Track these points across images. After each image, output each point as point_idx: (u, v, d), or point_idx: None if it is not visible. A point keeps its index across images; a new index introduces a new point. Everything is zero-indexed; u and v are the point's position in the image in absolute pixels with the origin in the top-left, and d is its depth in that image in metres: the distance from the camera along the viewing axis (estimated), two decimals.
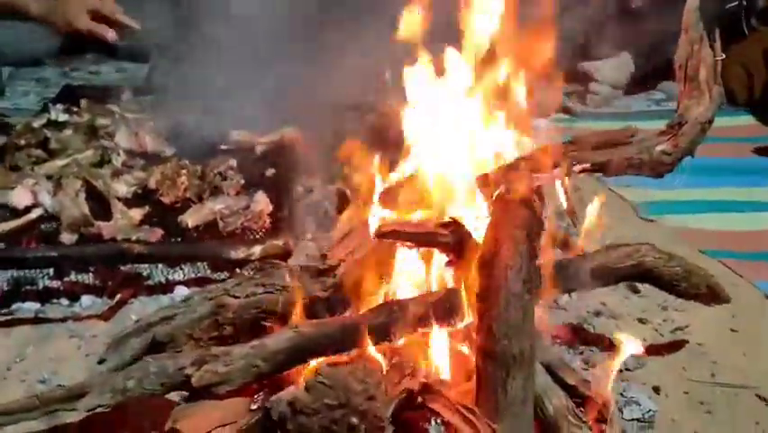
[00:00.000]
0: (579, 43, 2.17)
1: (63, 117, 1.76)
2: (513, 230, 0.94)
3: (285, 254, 1.27)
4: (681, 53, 1.12)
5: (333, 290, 1.04)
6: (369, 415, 0.88)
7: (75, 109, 1.80)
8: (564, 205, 1.08)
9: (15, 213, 1.35)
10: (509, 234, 0.94)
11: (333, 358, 0.92)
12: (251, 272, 1.24)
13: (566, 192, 1.07)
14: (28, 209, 1.34)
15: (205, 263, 1.34)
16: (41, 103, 2.32)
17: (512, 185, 0.94)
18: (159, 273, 1.34)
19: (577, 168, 1.05)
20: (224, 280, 1.29)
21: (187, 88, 1.79)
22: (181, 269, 1.34)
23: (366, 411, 0.87)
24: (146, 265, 1.32)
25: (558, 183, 1.04)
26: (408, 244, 0.97)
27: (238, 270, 1.30)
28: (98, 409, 0.91)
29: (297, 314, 0.97)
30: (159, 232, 1.29)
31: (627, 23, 2.31)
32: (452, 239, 0.96)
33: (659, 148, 1.10)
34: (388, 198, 1.00)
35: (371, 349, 0.92)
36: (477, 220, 0.98)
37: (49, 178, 1.45)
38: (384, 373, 0.90)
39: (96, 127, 1.63)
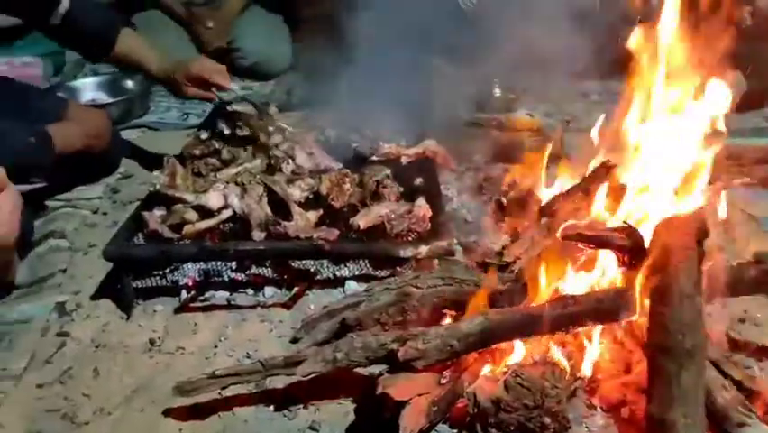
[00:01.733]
0: None
1: (227, 130, 1.99)
2: (684, 236, 1.04)
3: (447, 254, 1.41)
4: None
5: (512, 283, 1.16)
6: (558, 416, 1.00)
7: (237, 123, 2.02)
8: (722, 215, 1.17)
9: (205, 213, 1.54)
10: (681, 239, 1.04)
11: (522, 357, 1.03)
12: (410, 270, 1.41)
13: (724, 204, 1.16)
14: (219, 210, 1.53)
15: (366, 261, 1.50)
16: (183, 117, 2.62)
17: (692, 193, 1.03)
18: (326, 269, 1.51)
19: (738, 181, 1.13)
20: (386, 277, 1.45)
21: (331, 105, 1.99)
22: (346, 266, 1.50)
23: (556, 413, 1.00)
24: (312, 262, 1.50)
25: (720, 195, 1.13)
26: (588, 245, 1.08)
27: (398, 267, 1.47)
28: (311, 375, 1.07)
29: (484, 302, 1.10)
30: (335, 231, 1.44)
31: (738, 42, 2.36)
32: (626, 243, 1.07)
33: None
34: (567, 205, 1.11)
35: (558, 354, 1.03)
36: (646, 225, 1.08)
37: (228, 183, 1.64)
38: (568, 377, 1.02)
39: (263, 142, 1.83)
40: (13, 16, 1.89)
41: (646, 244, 1.06)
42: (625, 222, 1.07)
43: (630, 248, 1.06)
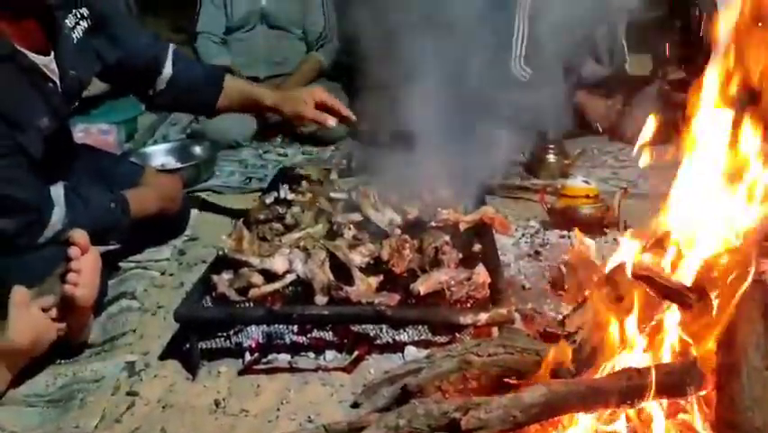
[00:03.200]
0: None
1: (290, 196, 2.07)
2: (750, 309, 1.04)
3: (507, 322, 1.43)
4: None
5: (574, 353, 1.17)
6: None
7: (299, 189, 2.11)
8: None
9: (270, 277, 1.60)
10: (747, 313, 1.03)
11: (585, 430, 1.03)
12: (469, 337, 1.43)
13: None
14: (284, 274, 1.59)
15: (425, 327, 1.52)
16: (246, 181, 2.73)
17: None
18: (385, 334, 1.53)
19: None
20: (445, 343, 1.48)
21: (388, 171, 2.05)
22: (405, 331, 1.52)
23: None
24: (372, 326, 1.52)
25: None
26: (656, 292, 1.08)
27: (457, 334, 1.48)
28: None
29: (547, 373, 1.10)
30: (396, 297, 1.48)
31: None
32: (695, 304, 1.06)
33: None
34: (654, 247, 1.12)
35: (622, 428, 1.02)
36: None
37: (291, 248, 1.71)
38: None
39: (324, 208, 1.90)
40: (119, 88, 2.02)
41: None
42: (702, 286, 1.07)
43: (696, 310, 1.06)
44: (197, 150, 2.77)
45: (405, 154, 2.01)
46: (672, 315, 1.12)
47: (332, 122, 1.94)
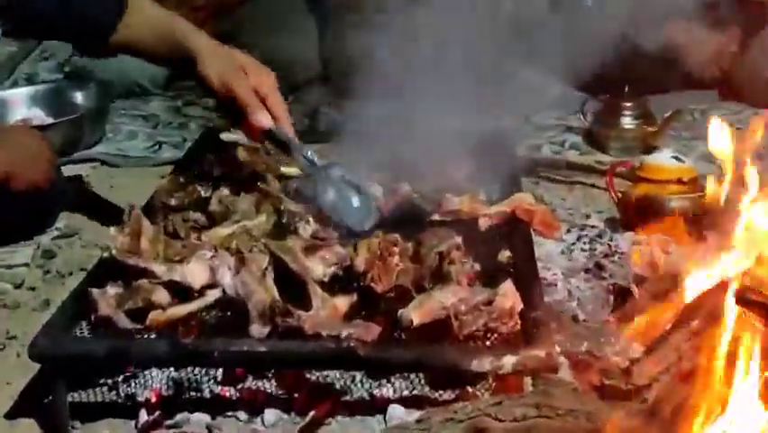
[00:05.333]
0: None
1: (218, 171, 2.07)
2: None
3: (546, 369, 1.42)
4: None
5: (645, 418, 1.16)
6: None
7: (233, 161, 2.11)
8: None
9: (182, 294, 1.59)
10: None
11: None
12: (487, 391, 1.43)
13: None
14: (203, 290, 1.58)
15: (420, 377, 1.52)
16: (154, 148, 2.72)
17: None
18: (359, 386, 1.53)
19: None
20: (451, 400, 1.47)
21: (374, 135, 2.05)
22: (389, 382, 1.52)
23: None
24: (338, 373, 1.52)
25: None
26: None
27: (468, 387, 1.48)
28: None
29: None
30: (375, 328, 1.47)
31: None
32: None
33: None
34: None
35: None
36: None
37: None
38: None
39: (271, 190, 1.90)
40: None
41: None
42: None
43: None
44: (79, 98, 2.77)
45: (398, 109, 2.03)
46: None
47: (267, 122, 1.91)
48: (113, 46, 1.97)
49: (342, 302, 1.56)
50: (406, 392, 1.51)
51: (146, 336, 1.52)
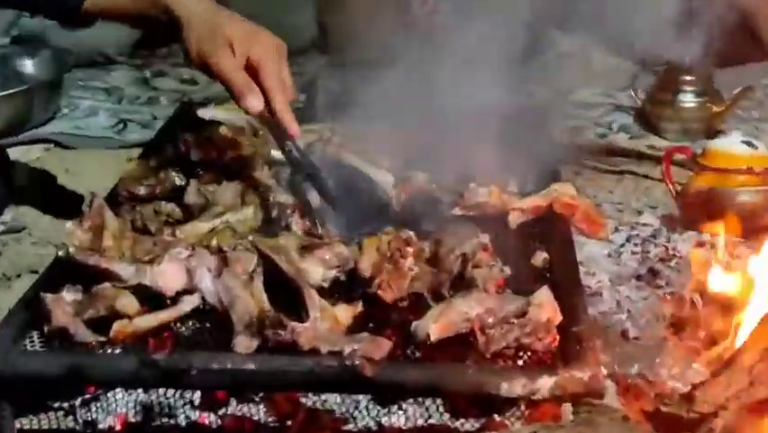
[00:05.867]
0: None
1: (197, 155, 2.07)
2: None
3: (590, 394, 1.42)
4: None
5: None
6: None
7: (214, 143, 2.10)
8: None
9: (153, 300, 1.59)
10: None
11: None
12: (519, 421, 1.43)
13: None
14: (177, 297, 1.58)
15: (438, 403, 1.52)
16: (118, 127, 2.73)
17: None
18: (364, 413, 1.53)
19: None
20: (475, 431, 1.48)
21: (380, 114, 2.05)
22: (401, 409, 1.52)
23: None
24: (338, 398, 1.52)
25: None
26: None
27: (497, 415, 1.48)
28: None
29: None
30: (385, 343, 1.47)
31: None
32: None
33: None
34: None
35: None
36: None
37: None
38: None
39: (261, 179, 1.91)
40: None
41: None
42: None
43: None
44: (29, 67, 2.77)
45: (410, 82, 2.03)
46: None
47: (256, 105, 1.90)
48: (90, 10, 1.98)
49: (345, 312, 1.56)
50: (420, 421, 1.51)
51: (109, 350, 1.52)
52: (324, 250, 1.67)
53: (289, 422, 1.53)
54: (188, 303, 1.58)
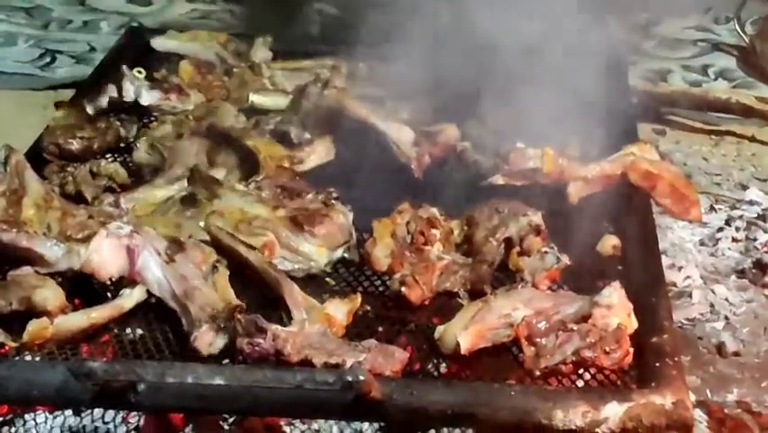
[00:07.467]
0: None
1: (150, 97, 2.08)
2: None
3: (676, 426, 1.41)
4: None
5: None
6: None
7: (174, 80, 2.12)
8: None
9: (86, 290, 1.60)
10: None
11: None
12: None
13: None
14: (114, 285, 1.59)
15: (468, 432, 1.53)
16: (44, 61, 2.74)
17: None
18: None
19: None
20: None
21: (398, 51, 2.05)
22: None
23: None
24: (334, 425, 1.58)
25: None
26: None
27: None
28: None
29: None
30: (400, 355, 1.47)
31: None
32: None
33: None
34: None
35: None
36: None
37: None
38: None
39: (233, 130, 1.91)
40: None
41: None
42: None
43: None
44: None
45: (441, 7, 2.06)
46: None
47: None
48: None
49: (341, 309, 1.56)
50: None
51: (27, 357, 1.52)
52: (322, 224, 1.66)
53: None
54: (130, 298, 1.57)
